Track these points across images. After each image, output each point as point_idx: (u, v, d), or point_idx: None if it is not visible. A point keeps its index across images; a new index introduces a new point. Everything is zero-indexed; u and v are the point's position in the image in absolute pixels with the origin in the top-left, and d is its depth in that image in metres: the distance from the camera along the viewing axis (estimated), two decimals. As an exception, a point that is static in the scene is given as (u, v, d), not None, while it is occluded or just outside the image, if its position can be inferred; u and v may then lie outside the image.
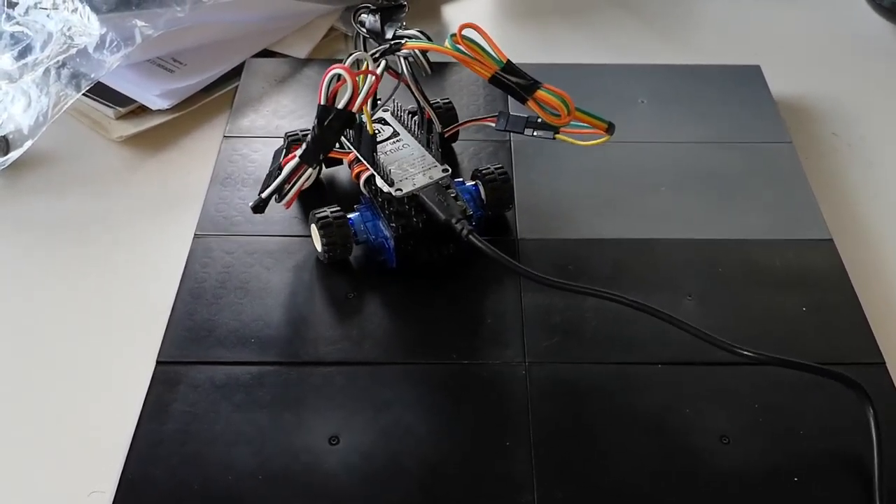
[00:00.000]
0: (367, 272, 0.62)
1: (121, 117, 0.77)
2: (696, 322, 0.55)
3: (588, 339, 0.58)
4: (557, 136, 0.59)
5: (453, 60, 0.56)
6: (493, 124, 0.63)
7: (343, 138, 0.63)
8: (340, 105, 0.56)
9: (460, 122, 0.70)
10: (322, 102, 0.56)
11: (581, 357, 0.57)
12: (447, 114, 0.71)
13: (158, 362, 0.56)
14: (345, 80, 0.55)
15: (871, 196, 0.73)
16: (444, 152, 0.70)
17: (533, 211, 0.67)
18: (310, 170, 0.59)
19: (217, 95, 0.80)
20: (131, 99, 0.77)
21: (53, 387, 0.58)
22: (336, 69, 0.55)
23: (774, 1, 0.99)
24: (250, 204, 0.59)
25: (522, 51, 0.83)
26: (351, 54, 0.57)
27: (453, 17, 0.94)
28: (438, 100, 0.71)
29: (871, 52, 0.91)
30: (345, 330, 0.58)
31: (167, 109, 0.77)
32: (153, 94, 0.77)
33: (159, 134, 0.76)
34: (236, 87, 0.80)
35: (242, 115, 0.76)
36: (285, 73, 0.81)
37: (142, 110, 0.77)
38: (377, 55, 0.59)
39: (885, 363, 0.57)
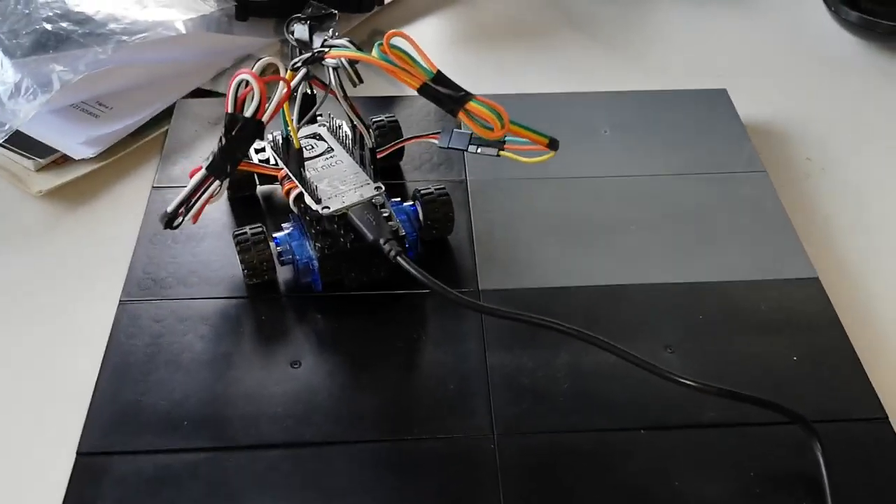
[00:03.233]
0: (312, 336, 0.57)
1: (41, 169, 0.71)
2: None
3: (561, 402, 0.53)
4: (502, 152, 0.55)
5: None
6: (437, 141, 0.59)
7: (274, 154, 0.61)
8: (248, 113, 0.52)
9: (402, 138, 0.65)
10: (229, 110, 0.52)
11: (555, 425, 0.52)
12: (391, 131, 0.68)
13: (79, 453, 0.50)
14: (252, 87, 0.51)
15: (852, 224, 0.68)
16: (390, 171, 0.69)
17: (494, 258, 0.62)
18: (217, 182, 0.54)
19: (146, 141, 0.74)
20: (52, 148, 0.71)
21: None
22: (242, 74, 0.51)
23: (735, 20, 0.95)
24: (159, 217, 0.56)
25: (476, 79, 0.78)
26: (259, 59, 0.53)
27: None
28: (383, 117, 0.68)
29: (839, 68, 0.87)
30: (289, 405, 0.52)
31: (92, 158, 0.71)
32: (76, 142, 0.71)
33: (83, 185, 0.70)
34: (166, 130, 0.74)
35: (173, 162, 0.70)
36: (220, 114, 0.74)
37: (64, 160, 0.71)
38: (298, 64, 0.55)
39: (887, 418, 0.52)
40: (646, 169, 0.69)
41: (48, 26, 0.73)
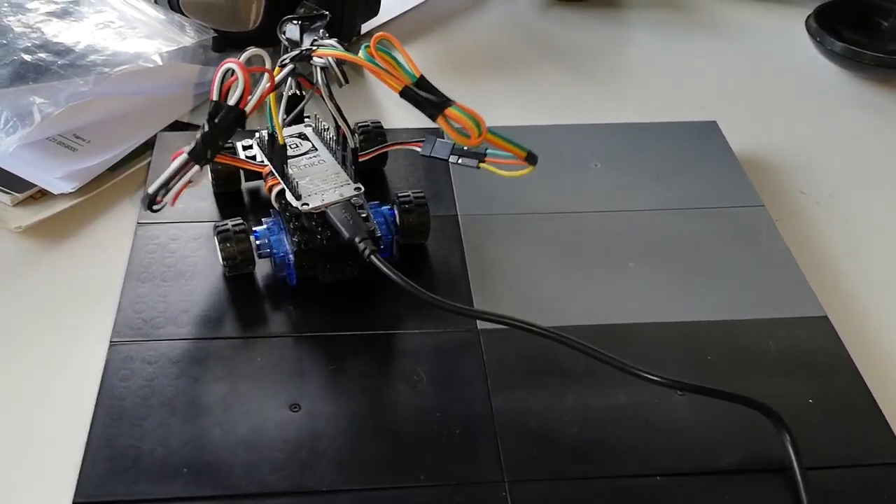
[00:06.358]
0: (310, 377, 0.55)
1: (18, 204, 0.68)
2: (693, 422, 0.51)
3: (572, 446, 0.51)
4: (482, 164, 0.56)
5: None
6: (419, 149, 0.59)
7: (259, 150, 0.63)
8: (231, 101, 0.53)
9: (385, 144, 0.66)
10: (214, 98, 0.53)
11: (568, 471, 0.50)
12: (376, 136, 0.68)
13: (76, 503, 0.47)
14: (237, 76, 0.52)
15: (854, 259, 0.67)
16: (373, 176, 0.70)
17: (491, 296, 0.61)
18: (197, 167, 0.54)
19: (126, 174, 0.72)
20: (30, 183, 0.69)
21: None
22: (228, 63, 0.52)
23: (717, 51, 0.94)
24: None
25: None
26: (246, 50, 0.54)
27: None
28: (368, 121, 0.69)
29: (825, 100, 0.87)
30: (291, 451, 0.50)
31: (71, 193, 0.69)
32: (54, 177, 0.69)
33: (64, 221, 0.68)
34: (146, 164, 0.72)
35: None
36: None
37: (42, 195, 0.69)
38: (286, 61, 0.57)
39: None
40: (642, 203, 0.68)
41: (27, 57, 0.71)
